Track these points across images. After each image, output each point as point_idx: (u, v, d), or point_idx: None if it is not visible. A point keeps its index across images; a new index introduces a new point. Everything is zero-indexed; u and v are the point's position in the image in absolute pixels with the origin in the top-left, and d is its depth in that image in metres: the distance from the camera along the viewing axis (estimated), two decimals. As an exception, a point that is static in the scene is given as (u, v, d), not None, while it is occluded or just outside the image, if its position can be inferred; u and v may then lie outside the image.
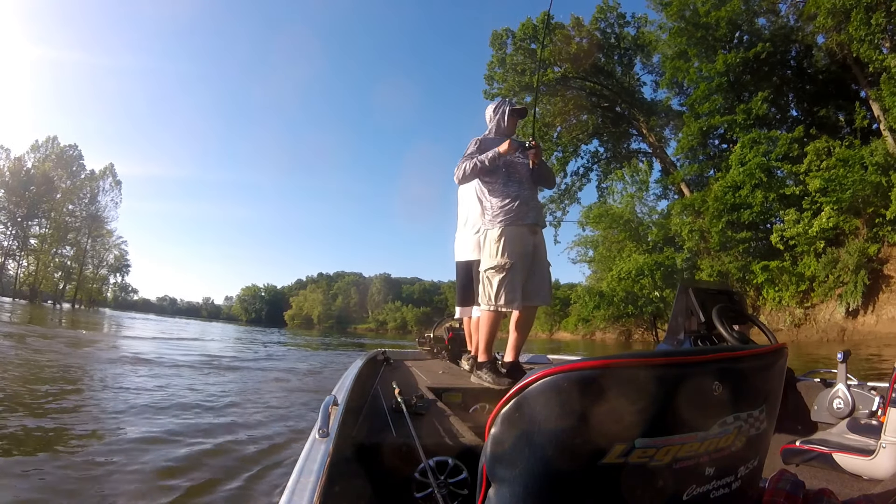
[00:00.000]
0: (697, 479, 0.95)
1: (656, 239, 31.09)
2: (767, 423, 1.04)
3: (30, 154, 67.47)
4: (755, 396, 1.01)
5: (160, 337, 21.92)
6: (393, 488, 1.79)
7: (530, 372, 0.91)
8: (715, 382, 0.92)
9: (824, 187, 21.65)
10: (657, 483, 0.90)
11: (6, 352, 10.13)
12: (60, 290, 72.45)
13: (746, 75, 28.00)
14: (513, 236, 3.51)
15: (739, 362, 0.99)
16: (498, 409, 0.93)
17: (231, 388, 8.18)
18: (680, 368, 0.90)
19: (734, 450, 0.98)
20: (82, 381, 7.73)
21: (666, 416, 0.88)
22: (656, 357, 0.90)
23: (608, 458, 0.86)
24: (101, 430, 4.80)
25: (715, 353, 1.00)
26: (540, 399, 0.88)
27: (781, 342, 1.23)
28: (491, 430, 0.95)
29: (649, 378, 0.87)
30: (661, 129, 36.23)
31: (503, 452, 0.93)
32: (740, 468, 1.02)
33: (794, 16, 28.04)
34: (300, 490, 1.25)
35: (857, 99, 25.72)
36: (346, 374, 2.95)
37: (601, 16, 35.76)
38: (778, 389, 1.10)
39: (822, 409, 3.08)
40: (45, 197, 66.00)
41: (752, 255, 25.70)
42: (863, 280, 20.80)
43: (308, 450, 1.52)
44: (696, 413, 0.90)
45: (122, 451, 4.14)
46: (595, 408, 0.85)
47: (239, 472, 3.93)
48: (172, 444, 4.43)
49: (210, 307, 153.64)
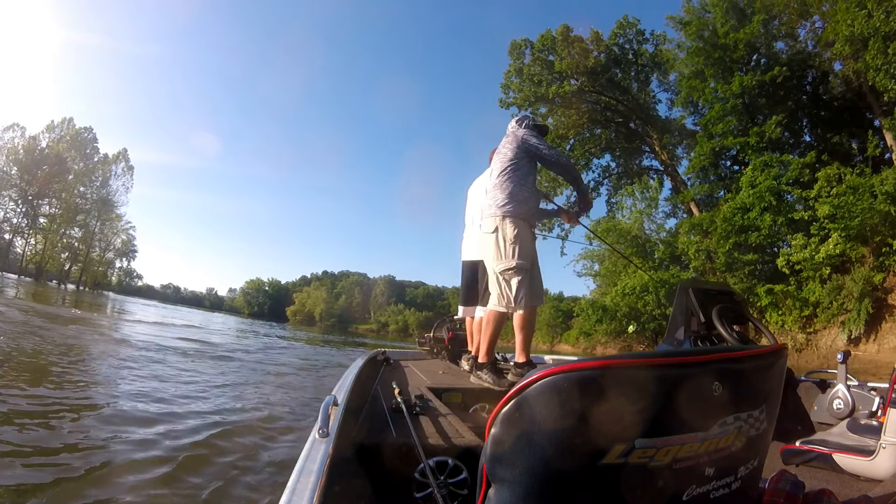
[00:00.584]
0: (697, 479, 0.96)
1: (662, 256, 31.06)
2: (767, 423, 1.05)
3: (45, 134, 68.28)
4: (755, 397, 1.02)
5: (163, 322, 21.95)
6: (393, 488, 1.79)
7: (530, 372, 0.92)
8: (715, 383, 0.93)
9: (833, 214, 21.61)
10: (657, 483, 0.91)
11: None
12: (66, 270, 72.90)
13: (762, 98, 27.98)
14: (526, 237, 3.57)
15: (739, 362, 1.01)
16: (498, 409, 0.94)
17: (231, 383, 8.17)
18: (680, 368, 0.91)
19: (734, 450, 0.99)
20: (81, 371, 7.57)
21: (666, 417, 0.89)
22: (656, 357, 0.91)
23: (608, 458, 0.87)
24: (99, 429, 4.70)
25: (715, 354, 1.02)
26: (540, 399, 0.89)
27: (782, 343, 1.24)
28: (491, 431, 0.95)
29: (649, 378, 0.88)
30: (674, 147, 36.20)
31: (503, 452, 0.93)
32: (740, 468, 1.03)
33: (812, 41, 28.11)
34: (300, 490, 1.26)
35: (871, 127, 25.62)
36: (346, 374, 2.95)
37: (620, 31, 35.82)
38: (778, 390, 1.11)
39: (822, 410, 3.11)
40: (56, 177, 66.55)
41: (757, 277, 25.56)
42: (866, 308, 20.69)
43: (308, 450, 1.53)
44: (696, 413, 0.91)
45: (119, 449, 4.13)
46: (595, 408, 0.86)
47: (239, 472, 3.95)
48: (172, 444, 4.42)
49: (213, 298, 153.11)
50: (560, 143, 36.50)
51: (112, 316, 22.32)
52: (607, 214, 37.10)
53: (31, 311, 13.07)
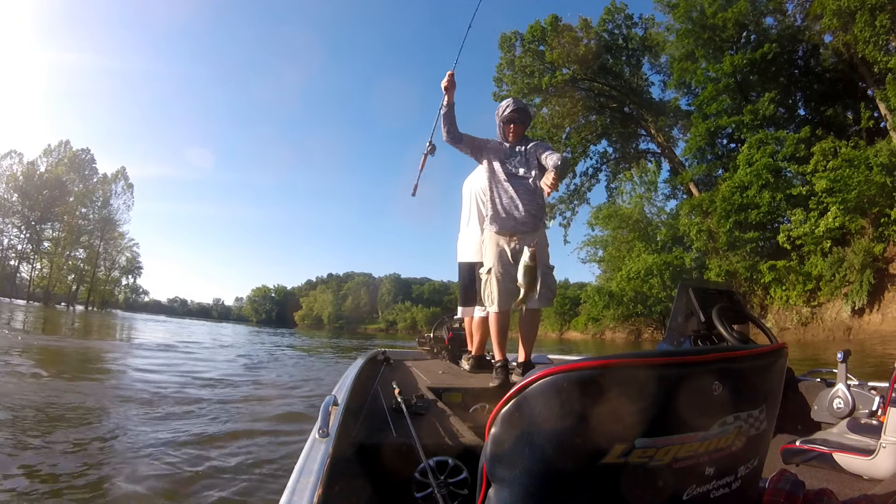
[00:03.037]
0: (697, 478, 0.96)
1: (665, 239, 31.20)
2: (767, 423, 1.05)
3: (42, 158, 68.49)
4: (755, 396, 1.01)
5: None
6: (393, 488, 1.79)
7: (530, 372, 0.91)
8: (715, 382, 0.93)
9: (830, 187, 21.81)
10: (657, 483, 0.91)
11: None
12: (73, 291, 72.99)
13: (754, 75, 28.06)
14: (491, 242, 3.72)
15: (739, 362, 1.00)
16: (498, 409, 0.94)
17: (231, 382, 8.23)
18: (680, 368, 0.90)
19: (734, 450, 0.98)
20: (91, 375, 7.80)
21: (666, 416, 0.89)
22: (656, 357, 0.91)
23: (608, 458, 0.87)
24: (102, 432, 4.78)
25: (715, 353, 1.02)
26: (540, 399, 0.89)
27: (783, 342, 1.27)
28: (491, 430, 0.95)
29: (649, 378, 0.88)
30: (670, 129, 36.04)
31: (503, 452, 0.93)
32: (740, 468, 1.03)
33: (800, 15, 28.12)
34: (300, 490, 1.27)
35: (865, 98, 25.80)
36: (346, 374, 2.95)
37: (609, 17, 35.77)
38: (778, 389, 1.11)
39: (822, 409, 3.06)
40: (58, 200, 66.68)
41: (759, 254, 25.81)
42: (868, 279, 20.93)
43: (308, 450, 1.54)
44: (696, 413, 0.91)
45: (121, 452, 4.20)
46: (595, 408, 0.86)
47: (239, 472, 3.99)
48: (172, 444, 4.47)
49: (220, 308, 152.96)
50: (556, 132, 36.59)
51: (122, 341, 21.78)
52: (608, 200, 37.22)
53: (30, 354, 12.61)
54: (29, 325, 24.42)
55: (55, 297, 69.87)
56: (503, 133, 3.85)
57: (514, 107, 3.80)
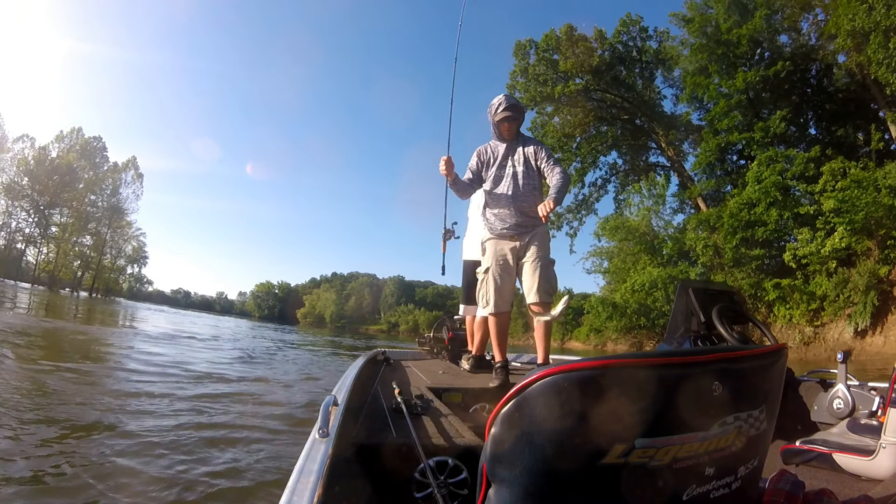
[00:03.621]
0: (697, 479, 0.96)
1: (671, 252, 31.08)
2: (767, 423, 1.05)
3: (54, 144, 68.77)
4: (755, 396, 1.02)
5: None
6: (393, 488, 1.78)
7: (530, 372, 0.92)
8: (715, 382, 0.93)
9: (838, 208, 21.73)
10: (657, 483, 0.91)
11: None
12: (78, 278, 73.29)
13: (766, 93, 27.97)
14: (490, 243, 3.84)
15: (739, 362, 1.01)
16: (498, 409, 0.94)
17: (232, 386, 8.16)
18: (680, 368, 0.91)
19: (734, 450, 0.99)
20: (91, 371, 7.72)
21: (666, 417, 0.89)
22: (656, 357, 0.91)
23: (608, 458, 0.87)
24: (100, 428, 4.74)
25: (715, 353, 1.02)
26: (540, 399, 0.89)
27: (782, 343, 1.24)
28: (491, 430, 0.95)
29: (649, 378, 0.88)
30: (680, 143, 36.11)
31: (503, 452, 0.93)
32: (740, 468, 1.03)
33: (815, 34, 28.08)
34: (300, 490, 1.27)
35: (876, 119, 25.71)
36: (346, 374, 2.95)
37: (624, 29, 35.81)
38: (778, 389, 1.11)
39: (822, 410, 3.09)
40: (67, 187, 67.03)
41: (764, 272, 25.72)
42: (872, 301, 20.84)
43: (308, 450, 1.54)
44: (696, 413, 0.91)
45: (119, 450, 4.15)
46: (595, 408, 0.86)
47: (239, 472, 3.98)
48: (172, 444, 4.45)
49: (223, 302, 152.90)
50: (567, 141, 36.64)
51: (123, 329, 21.83)
52: (615, 211, 37.10)
53: (34, 336, 12.57)
54: (33, 309, 24.52)
55: (60, 283, 70.24)
56: (498, 131, 3.90)
57: (506, 105, 3.83)
